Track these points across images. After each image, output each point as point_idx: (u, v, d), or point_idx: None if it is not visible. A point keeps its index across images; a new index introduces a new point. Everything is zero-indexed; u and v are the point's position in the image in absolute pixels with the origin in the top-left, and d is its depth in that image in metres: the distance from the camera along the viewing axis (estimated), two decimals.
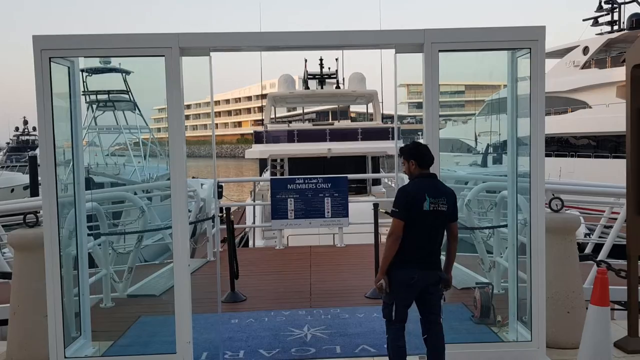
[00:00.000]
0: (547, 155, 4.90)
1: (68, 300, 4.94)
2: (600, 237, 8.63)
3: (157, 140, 27.81)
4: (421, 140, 4.79)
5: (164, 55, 4.61)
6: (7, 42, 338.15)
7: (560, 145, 28.61)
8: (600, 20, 32.51)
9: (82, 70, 24.68)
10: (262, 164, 20.47)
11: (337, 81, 20.94)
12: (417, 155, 4.35)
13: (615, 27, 31.31)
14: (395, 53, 4.83)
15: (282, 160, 17.20)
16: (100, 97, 26.44)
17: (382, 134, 18.19)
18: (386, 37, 4.85)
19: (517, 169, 5.23)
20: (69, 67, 4.93)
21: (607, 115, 25.12)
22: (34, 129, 49.20)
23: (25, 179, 31.33)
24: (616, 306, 7.04)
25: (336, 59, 21.07)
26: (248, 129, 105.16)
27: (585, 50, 30.13)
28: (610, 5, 31.76)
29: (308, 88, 20.16)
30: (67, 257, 5.00)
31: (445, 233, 4.38)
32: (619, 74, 24.82)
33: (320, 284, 7.86)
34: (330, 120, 31.34)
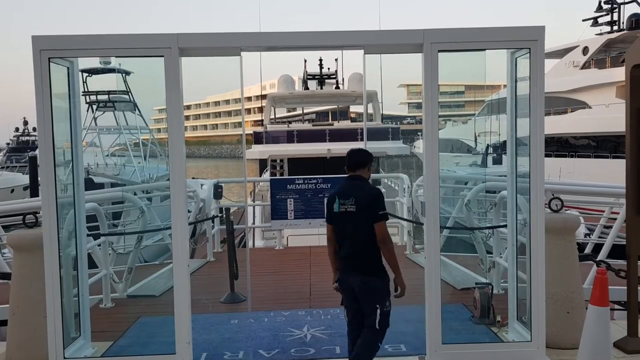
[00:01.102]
0: (546, 156, 4.90)
1: (67, 300, 4.94)
2: (600, 237, 8.63)
3: (157, 141, 27.86)
4: (420, 140, 4.81)
5: (163, 56, 4.61)
6: (7, 43, 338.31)
7: (560, 146, 28.63)
8: (600, 20, 32.55)
9: (82, 71, 24.82)
10: (262, 164, 20.49)
11: (337, 81, 20.96)
12: (345, 161, 4.53)
13: (615, 28, 31.33)
14: (364, 54, 4.88)
15: (281, 160, 17.22)
16: (100, 97, 26.47)
17: (381, 134, 18.20)
18: (385, 37, 4.84)
19: (516, 169, 5.23)
20: (68, 68, 4.93)
21: (606, 115, 25.14)
22: (34, 129, 49.19)
23: (25, 179, 31.34)
24: (616, 306, 7.04)
25: (335, 59, 21.10)
26: (248, 130, 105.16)
27: (585, 50, 30.15)
28: (609, 6, 31.78)
29: (308, 88, 20.18)
30: (67, 258, 5.00)
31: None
32: (619, 74, 24.83)
33: (320, 284, 7.84)
34: (330, 121, 31.33)
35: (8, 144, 55.28)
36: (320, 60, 20.59)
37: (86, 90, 26.05)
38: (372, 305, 4.33)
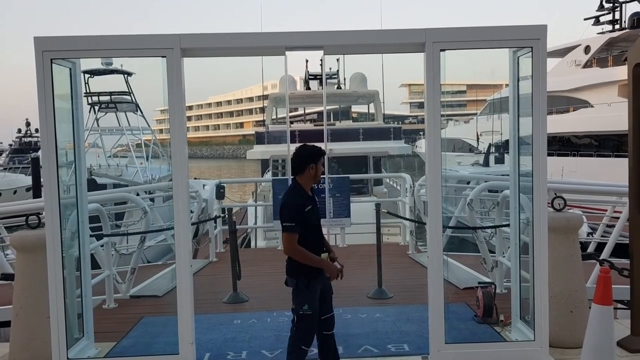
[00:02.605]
0: (549, 155, 4.89)
1: (70, 301, 4.94)
2: (602, 236, 8.62)
3: (159, 142, 27.90)
4: (422, 140, 4.81)
5: (165, 56, 4.62)
6: (9, 44, 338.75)
7: (562, 145, 28.60)
8: (602, 19, 32.52)
9: (84, 72, 24.87)
10: (264, 164, 20.49)
11: (338, 81, 20.94)
12: None
13: (617, 26, 31.30)
14: (324, 54, 4.88)
15: (283, 160, 17.21)
16: (102, 98, 26.50)
17: (383, 134, 18.19)
18: (388, 36, 4.84)
19: (519, 168, 5.22)
20: (70, 69, 4.93)
21: (609, 114, 25.11)
22: (37, 130, 49.23)
23: (27, 180, 31.39)
24: (619, 305, 7.03)
25: (337, 59, 21.08)
26: (250, 130, 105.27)
27: (587, 49, 30.11)
28: (611, 4, 31.74)
29: (309, 88, 20.17)
30: (70, 258, 5.00)
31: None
32: (621, 72, 24.81)
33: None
34: (331, 121, 31.30)
35: (11, 145, 55.42)
36: (322, 60, 20.55)
37: (88, 91, 26.10)
38: (292, 304, 4.40)
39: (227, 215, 9.54)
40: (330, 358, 4.55)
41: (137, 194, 10.14)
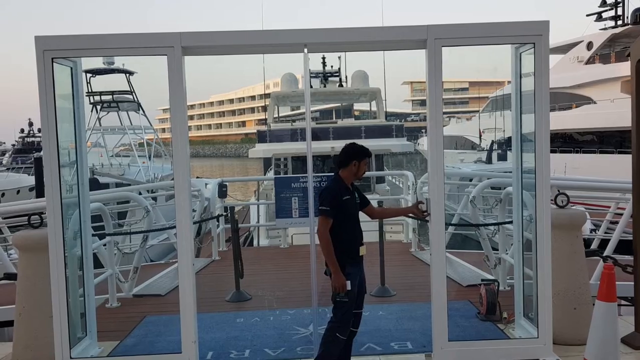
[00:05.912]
0: (551, 151, 4.87)
1: (73, 300, 4.95)
2: (606, 232, 8.59)
3: (162, 141, 27.94)
4: (425, 138, 4.79)
5: (166, 55, 4.61)
6: (12, 44, 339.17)
7: (564, 141, 28.54)
8: (604, 15, 32.43)
9: (86, 72, 24.90)
10: (266, 163, 20.52)
11: (340, 79, 20.92)
12: None
13: (619, 22, 31.21)
14: (308, 52, 4.85)
15: (285, 159, 17.22)
16: (104, 97, 26.55)
17: (385, 132, 18.18)
18: (390, 33, 4.82)
19: (522, 165, 5.20)
20: (71, 68, 4.93)
21: (611, 110, 25.04)
22: (39, 130, 49.19)
23: (30, 180, 31.43)
24: (623, 302, 7.00)
25: (339, 57, 21.08)
26: (252, 129, 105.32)
27: (589, 45, 30.02)
28: (613, 0, 31.65)
29: (311, 87, 20.18)
30: (72, 258, 5.00)
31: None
32: (624, 69, 24.69)
33: (326, 282, 7.81)
34: (333, 119, 31.33)
35: (14, 145, 55.49)
36: (323, 58, 20.57)
37: (90, 90, 26.15)
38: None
39: (229, 214, 9.52)
40: (342, 357, 4.55)
41: (140, 193, 10.14)
